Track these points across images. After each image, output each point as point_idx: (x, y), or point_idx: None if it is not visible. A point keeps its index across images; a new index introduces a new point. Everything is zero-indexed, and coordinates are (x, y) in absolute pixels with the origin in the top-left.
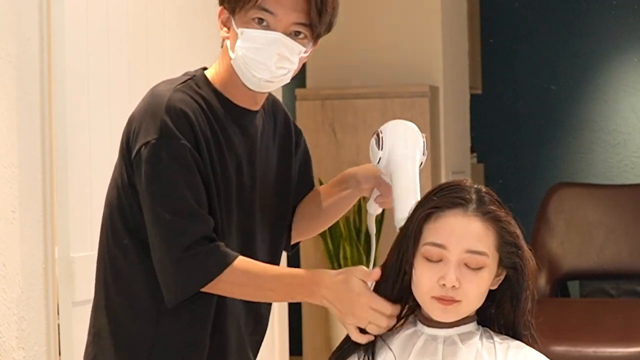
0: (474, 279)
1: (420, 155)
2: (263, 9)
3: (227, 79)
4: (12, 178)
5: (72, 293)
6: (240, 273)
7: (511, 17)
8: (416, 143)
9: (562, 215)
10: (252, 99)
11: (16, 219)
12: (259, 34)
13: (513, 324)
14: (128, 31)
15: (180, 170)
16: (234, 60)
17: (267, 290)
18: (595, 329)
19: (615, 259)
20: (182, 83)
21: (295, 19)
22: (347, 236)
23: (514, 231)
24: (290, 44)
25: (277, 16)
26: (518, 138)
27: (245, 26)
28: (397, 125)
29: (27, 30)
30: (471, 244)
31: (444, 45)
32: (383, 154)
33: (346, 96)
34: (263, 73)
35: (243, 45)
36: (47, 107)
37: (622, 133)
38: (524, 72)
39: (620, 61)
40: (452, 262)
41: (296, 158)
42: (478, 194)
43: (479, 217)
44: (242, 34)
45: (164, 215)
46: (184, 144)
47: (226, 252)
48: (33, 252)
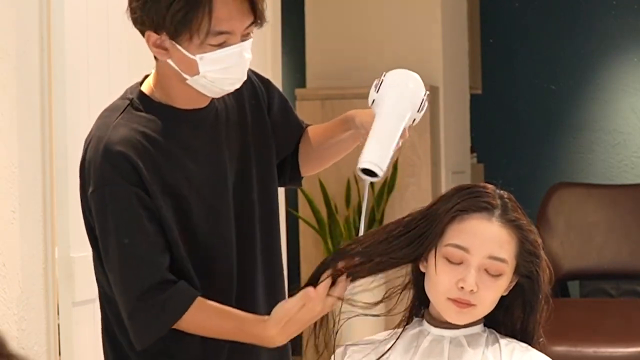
0: (492, 285)
1: (414, 113)
2: (219, 32)
3: (172, 90)
4: (12, 178)
5: (72, 293)
6: (196, 317)
7: (511, 17)
8: (411, 99)
9: (562, 215)
10: (201, 99)
11: (16, 219)
12: (223, 55)
13: (523, 330)
14: (128, 31)
15: (124, 216)
16: (194, 80)
17: (219, 332)
18: (595, 329)
19: (615, 259)
20: (121, 113)
21: (246, 24)
22: (347, 236)
23: (535, 240)
24: (248, 45)
25: (233, 32)
26: (518, 138)
27: (202, 51)
28: (400, 75)
29: (27, 29)
30: (494, 250)
31: (444, 45)
32: (377, 97)
33: (346, 96)
34: (236, 84)
35: (209, 69)
36: (47, 107)
37: (622, 133)
38: (524, 72)
39: (620, 61)
40: (473, 266)
41: (273, 110)
42: (502, 199)
43: (504, 224)
44: (202, 59)
45: (115, 264)
46: (127, 187)
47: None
48: (33, 252)
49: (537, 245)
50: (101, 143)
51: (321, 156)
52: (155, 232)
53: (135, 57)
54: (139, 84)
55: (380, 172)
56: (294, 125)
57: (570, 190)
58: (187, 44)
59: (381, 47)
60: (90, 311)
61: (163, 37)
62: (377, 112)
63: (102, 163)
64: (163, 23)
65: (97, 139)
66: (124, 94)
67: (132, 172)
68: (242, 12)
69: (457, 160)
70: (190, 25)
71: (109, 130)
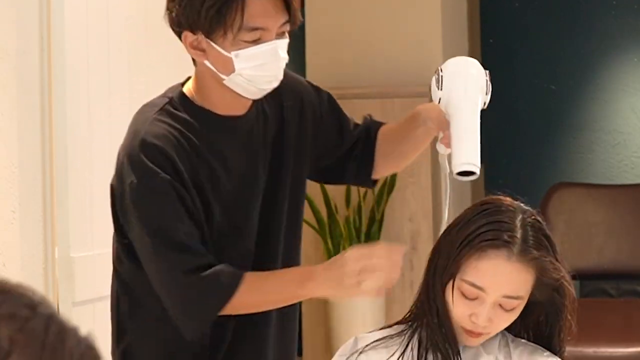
0: (506, 317)
1: (483, 95)
2: (253, 28)
3: (211, 94)
4: (12, 178)
5: (72, 293)
6: (246, 291)
7: (511, 17)
8: (477, 84)
9: (562, 215)
10: (240, 106)
11: (16, 219)
12: (258, 51)
13: (541, 337)
14: (128, 31)
15: (164, 204)
16: (230, 79)
17: (270, 294)
18: (595, 329)
19: (615, 259)
20: (159, 110)
21: (282, 21)
22: (347, 236)
23: (555, 276)
24: (283, 43)
25: (267, 29)
26: (518, 138)
27: (237, 48)
28: (458, 64)
29: (27, 29)
30: (510, 291)
31: (444, 45)
32: (443, 94)
33: (346, 96)
34: (273, 83)
35: (244, 66)
36: (47, 106)
37: (622, 133)
38: (524, 72)
39: (620, 61)
40: (488, 303)
41: (322, 114)
42: (524, 230)
43: (523, 262)
44: (238, 56)
45: (157, 252)
46: (163, 177)
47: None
48: (33, 252)
49: (557, 275)
50: (137, 137)
51: (397, 155)
52: (191, 222)
53: (135, 57)
54: (181, 84)
55: (478, 170)
56: (343, 124)
57: (570, 190)
58: (222, 41)
59: (381, 47)
60: (90, 311)
61: (199, 37)
62: (449, 109)
63: (139, 155)
64: (198, 19)
65: (134, 132)
66: (164, 92)
67: (167, 164)
68: (275, 9)
69: None
70: (224, 21)
71: (145, 125)
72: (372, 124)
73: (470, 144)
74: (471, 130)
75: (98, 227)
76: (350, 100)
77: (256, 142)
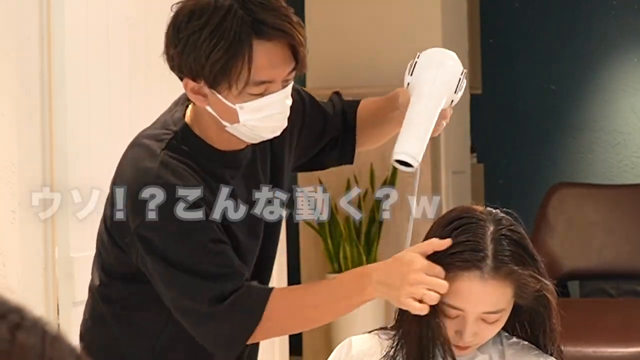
0: (491, 328)
1: (451, 94)
2: (261, 82)
3: (209, 133)
4: (12, 178)
5: (72, 293)
6: (282, 305)
7: (511, 17)
8: (447, 79)
9: (562, 215)
10: (239, 143)
11: (16, 219)
12: (264, 103)
13: (534, 336)
14: (128, 31)
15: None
16: (234, 128)
17: (314, 308)
18: (595, 329)
19: (615, 259)
20: (166, 145)
21: (287, 71)
22: (347, 236)
23: (534, 287)
24: (288, 91)
25: (274, 81)
26: (518, 138)
27: (242, 100)
28: (435, 55)
29: (27, 29)
30: (489, 307)
31: (444, 45)
32: (411, 80)
33: (346, 96)
34: (277, 132)
35: (250, 118)
36: (47, 106)
37: (622, 133)
38: (524, 72)
39: (620, 61)
40: (469, 320)
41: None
42: (495, 244)
43: (497, 280)
44: (243, 109)
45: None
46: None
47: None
48: (33, 252)
49: (537, 285)
50: (150, 173)
51: (376, 136)
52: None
53: (135, 57)
54: (183, 114)
55: (415, 163)
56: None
57: (570, 190)
58: (227, 93)
59: (381, 47)
60: None
61: (201, 84)
62: (413, 96)
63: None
64: (202, 72)
65: (145, 170)
66: (164, 122)
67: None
68: (283, 59)
69: (457, 160)
70: (229, 75)
71: (156, 164)
72: (349, 108)
73: (415, 135)
74: (422, 122)
75: (98, 227)
76: None
77: (256, 171)
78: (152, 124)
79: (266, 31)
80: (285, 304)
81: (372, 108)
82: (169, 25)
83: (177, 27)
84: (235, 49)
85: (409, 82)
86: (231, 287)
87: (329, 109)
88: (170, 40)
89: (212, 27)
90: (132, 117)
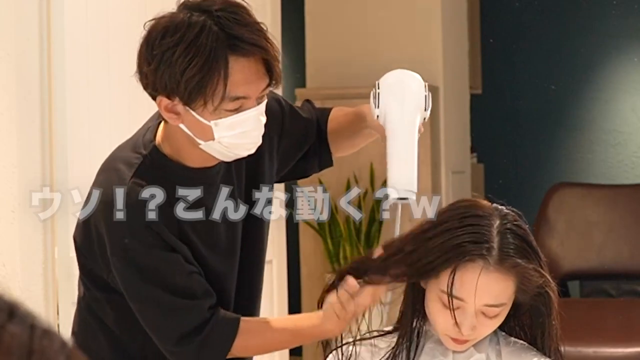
0: (490, 323)
1: (422, 112)
2: (236, 98)
3: (182, 151)
4: (12, 178)
5: (72, 293)
6: (249, 345)
7: (511, 17)
8: (415, 103)
9: (562, 215)
10: (212, 160)
11: (16, 219)
12: (239, 119)
13: (533, 337)
14: (128, 31)
15: (161, 255)
16: (208, 145)
17: (278, 344)
18: (595, 329)
19: (615, 259)
20: (135, 172)
21: (262, 87)
22: (347, 236)
23: (537, 283)
24: (262, 108)
25: (249, 97)
26: (518, 138)
27: (217, 117)
28: (394, 81)
29: (27, 29)
30: (491, 300)
31: (444, 45)
32: (380, 112)
33: (346, 96)
34: (251, 149)
35: (225, 135)
36: (47, 106)
37: (622, 133)
38: (524, 72)
39: (620, 61)
40: (469, 313)
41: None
42: (501, 237)
43: (501, 272)
44: (218, 125)
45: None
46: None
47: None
48: (33, 252)
49: (539, 281)
50: (112, 205)
51: (349, 145)
52: (189, 266)
53: (135, 57)
54: (153, 135)
55: (413, 196)
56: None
57: (570, 190)
58: (202, 110)
59: (381, 47)
60: None
61: (175, 102)
62: (387, 126)
63: (125, 217)
64: (177, 88)
65: (109, 199)
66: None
67: (155, 224)
68: (258, 75)
69: (457, 160)
70: (205, 91)
71: (122, 190)
72: (321, 118)
73: (405, 167)
74: (405, 151)
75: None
76: (350, 100)
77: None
78: (127, 141)
79: (241, 47)
80: (250, 340)
81: (342, 121)
82: (142, 43)
83: (151, 44)
84: (210, 65)
85: (377, 115)
86: (196, 320)
87: (306, 114)
88: (144, 57)
89: (187, 43)
90: (132, 117)
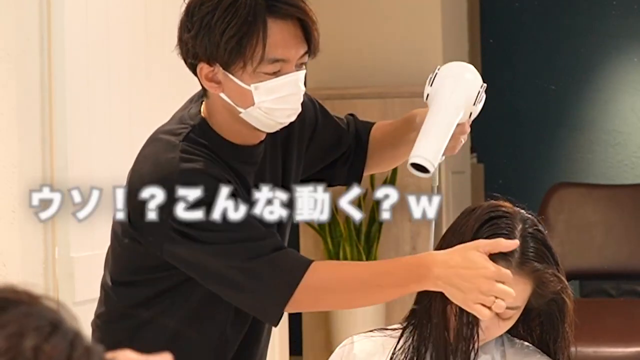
0: (502, 325)
1: (470, 106)
2: (275, 60)
3: (225, 126)
4: (12, 178)
5: (72, 293)
6: (325, 274)
7: (511, 17)
8: (467, 93)
9: (562, 215)
10: (254, 138)
11: (16, 219)
12: (278, 83)
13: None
14: (128, 30)
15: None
16: (248, 112)
17: (357, 286)
18: (595, 329)
19: (615, 259)
20: (184, 137)
21: (302, 52)
22: (347, 236)
23: (555, 288)
24: (302, 75)
25: (288, 60)
26: (518, 138)
27: (256, 80)
28: (455, 67)
29: (27, 29)
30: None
31: (444, 45)
32: (431, 91)
33: (346, 96)
34: (292, 116)
35: (264, 99)
36: (47, 107)
37: (622, 133)
38: (524, 72)
39: (620, 61)
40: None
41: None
42: (523, 240)
43: (520, 275)
44: (258, 89)
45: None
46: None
47: (301, 256)
48: (33, 252)
49: (557, 287)
50: (172, 163)
51: (389, 159)
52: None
53: (135, 57)
54: (199, 110)
55: (431, 168)
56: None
57: (570, 190)
58: (241, 73)
59: (381, 48)
60: (91, 311)
61: (216, 69)
62: (431, 106)
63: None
64: (217, 51)
65: (166, 168)
66: (181, 117)
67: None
68: (296, 40)
69: (457, 160)
70: (244, 52)
71: (176, 160)
72: (362, 128)
73: (432, 140)
74: (439, 129)
75: (98, 227)
76: (350, 100)
77: (268, 169)
78: (168, 121)
79: (279, 7)
80: (328, 270)
81: (387, 129)
82: (182, 14)
83: (191, 12)
84: (249, 26)
85: (428, 94)
86: (271, 245)
87: (343, 124)
88: (184, 26)
89: (225, 6)
90: (132, 117)
